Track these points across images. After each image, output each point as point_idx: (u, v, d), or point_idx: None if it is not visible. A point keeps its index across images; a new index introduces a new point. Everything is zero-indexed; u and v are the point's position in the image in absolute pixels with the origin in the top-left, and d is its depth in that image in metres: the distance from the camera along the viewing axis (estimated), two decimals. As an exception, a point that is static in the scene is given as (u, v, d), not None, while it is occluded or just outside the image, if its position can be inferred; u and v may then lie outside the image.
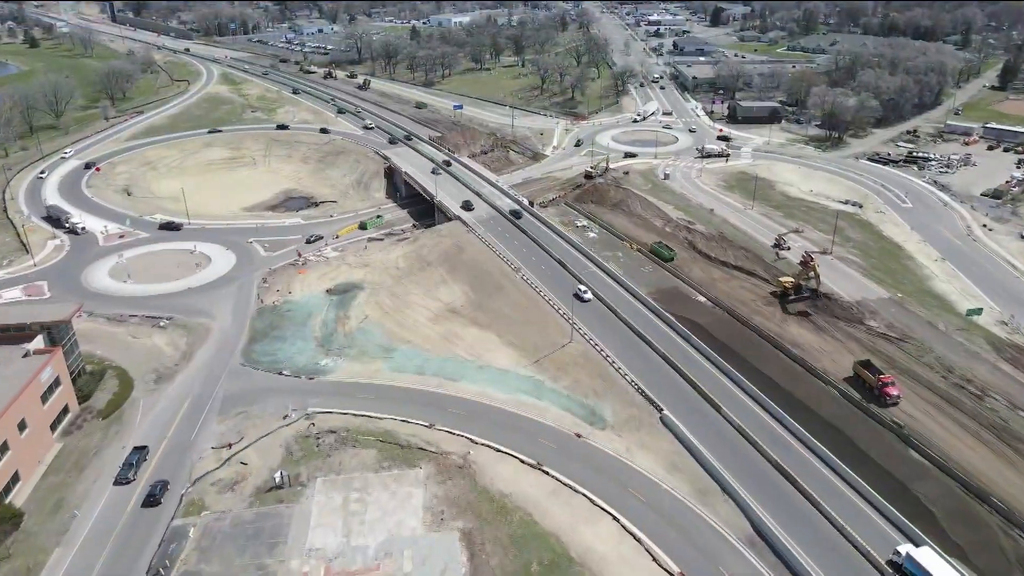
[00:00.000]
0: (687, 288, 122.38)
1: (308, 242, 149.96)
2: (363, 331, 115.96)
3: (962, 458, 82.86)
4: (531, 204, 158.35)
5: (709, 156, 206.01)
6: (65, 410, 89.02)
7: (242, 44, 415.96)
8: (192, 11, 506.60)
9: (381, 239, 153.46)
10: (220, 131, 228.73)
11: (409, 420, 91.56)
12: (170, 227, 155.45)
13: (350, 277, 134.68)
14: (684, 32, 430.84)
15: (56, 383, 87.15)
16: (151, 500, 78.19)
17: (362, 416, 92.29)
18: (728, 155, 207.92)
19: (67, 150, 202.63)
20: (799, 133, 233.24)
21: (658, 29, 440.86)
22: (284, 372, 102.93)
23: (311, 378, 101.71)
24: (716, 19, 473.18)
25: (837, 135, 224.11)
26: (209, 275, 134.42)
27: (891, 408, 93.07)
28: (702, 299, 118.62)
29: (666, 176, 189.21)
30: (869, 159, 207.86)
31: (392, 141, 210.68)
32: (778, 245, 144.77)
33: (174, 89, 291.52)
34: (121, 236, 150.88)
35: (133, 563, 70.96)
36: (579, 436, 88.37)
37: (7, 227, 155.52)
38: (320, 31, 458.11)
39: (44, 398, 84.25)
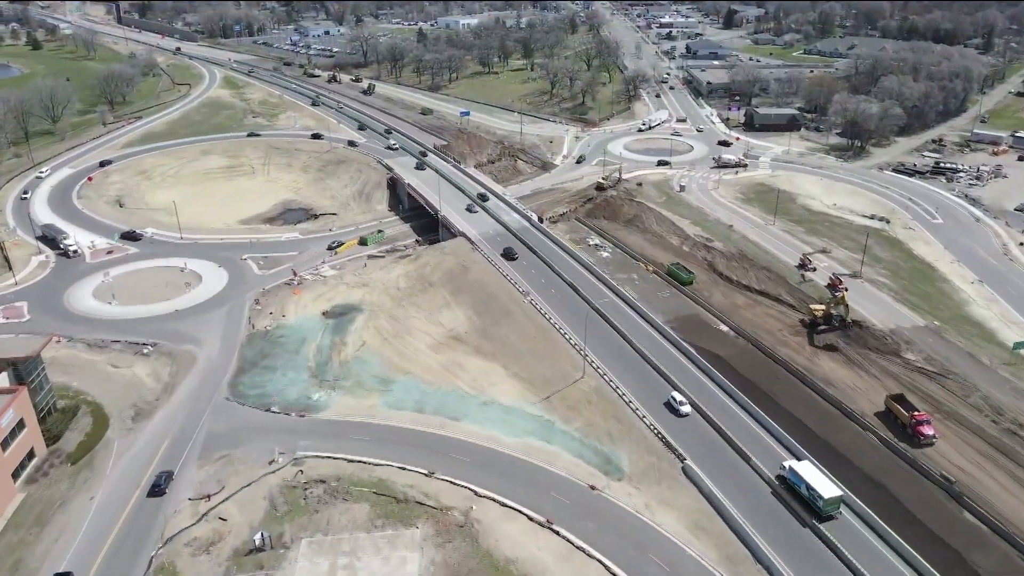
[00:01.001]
0: (708, 316, 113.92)
1: (330, 248, 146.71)
2: (360, 360, 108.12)
3: (1023, 521, 74.20)
4: (540, 219, 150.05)
5: (726, 166, 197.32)
6: (31, 454, 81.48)
7: (247, 46, 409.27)
8: (197, 12, 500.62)
9: (382, 256, 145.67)
10: (259, 135, 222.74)
11: (407, 467, 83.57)
12: (131, 237, 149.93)
13: (348, 298, 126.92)
14: (697, 35, 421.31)
15: (20, 425, 79.64)
16: (156, 490, 79.01)
17: (356, 462, 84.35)
18: (746, 165, 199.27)
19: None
20: (819, 142, 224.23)
21: (670, 32, 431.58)
22: (273, 408, 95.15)
23: (302, 415, 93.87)
24: (729, 21, 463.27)
25: (859, 144, 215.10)
26: (199, 296, 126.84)
27: (926, 449, 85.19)
28: (724, 328, 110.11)
29: (681, 188, 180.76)
30: (894, 170, 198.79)
31: (419, 166, 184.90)
32: (803, 266, 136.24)
33: (175, 93, 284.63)
34: (109, 252, 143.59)
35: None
36: (593, 488, 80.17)
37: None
38: (326, 33, 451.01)
39: (5, 444, 76.73)
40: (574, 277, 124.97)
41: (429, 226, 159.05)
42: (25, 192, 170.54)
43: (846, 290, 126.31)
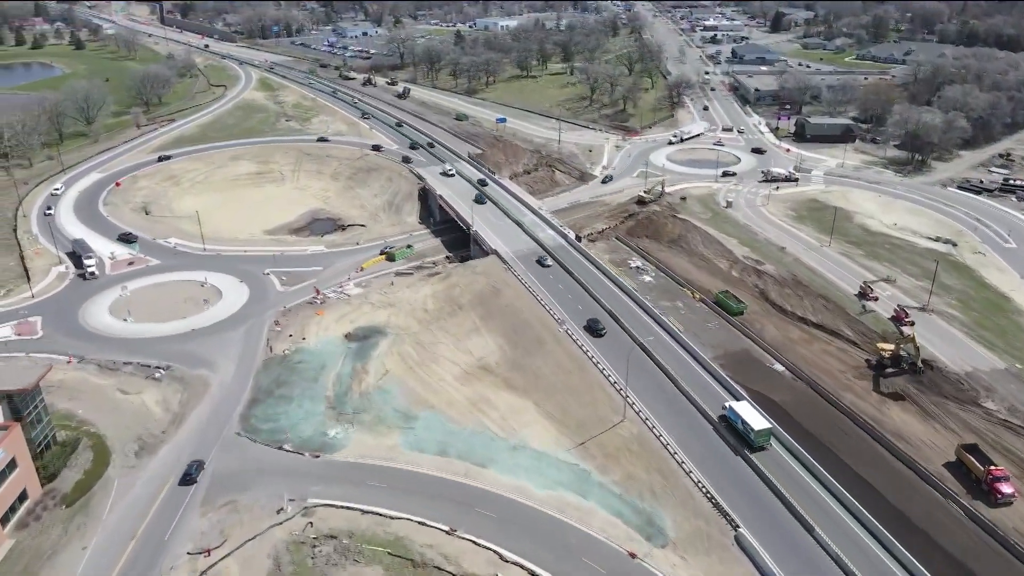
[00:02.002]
0: (760, 352, 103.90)
1: (382, 253, 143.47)
2: (381, 390, 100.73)
3: None
4: (578, 238, 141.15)
5: (775, 180, 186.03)
6: (22, 496, 75.54)
7: (284, 47, 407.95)
8: (238, 13, 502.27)
9: (410, 273, 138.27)
10: (327, 140, 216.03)
11: (427, 522, 75.74)
12: (126, 239, 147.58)
13: (372, 320, 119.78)
14: (743, 38, 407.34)
15: (12, 465, 73.72)
16: (187, 479, 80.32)
17: (371, 514, 76.78)
18: (796, 179, 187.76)
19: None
20: (876, 155, 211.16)
21: (715, 35, 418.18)
22: (286, 446, 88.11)
23: (316, 455, 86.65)
24: (777, 24, 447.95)
25: (920, 158, 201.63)
26: (217, 314, 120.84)
27: (1003, 508, 74.69)
28: (779, 368, 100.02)
29: (728, 204, 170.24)
30: (959, 187, 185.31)
31: (479, 199, 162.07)
32: (864, 295, 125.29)
33: (210, 95, 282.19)
34: (130, 263, 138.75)
35: None
36: (633, 556, 71.33)
37: (13, 248, 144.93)
38: (364, 34, 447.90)
39: (-6, 486, 70.87)
40: (614, 305, 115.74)
41: (460, 241, 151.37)
42: (48, 209, 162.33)
43: (912, 324, 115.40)
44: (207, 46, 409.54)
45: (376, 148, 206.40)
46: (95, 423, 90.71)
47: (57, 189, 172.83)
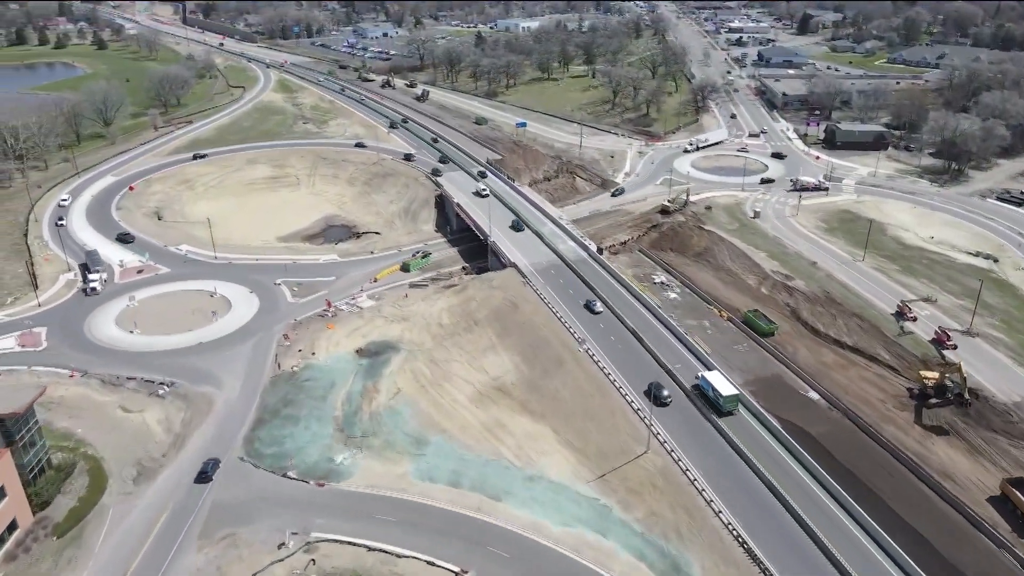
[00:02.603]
0: (792, 378, 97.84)
1: (416, 255, 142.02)
2: (392, 411, 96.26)
3: None
4: (599, 250, 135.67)
5: (805, 189, 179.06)
6: (12, 526, 71.81)
7: (305, 48, 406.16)
8: (259, 13, 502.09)
9: (425, 285, 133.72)
10: (364, 145, 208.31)
11: (435, 562, 71.06)
12: (124, 240, 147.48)
13: (385, 334, 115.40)
14: (769, 41, 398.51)
15: (0, 494, 69.89)
16: (203, 477, 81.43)
17: (377, 551, 72.16)
18: (827, 188, 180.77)
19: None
20: (909, 163, 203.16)
21: (740, 37, 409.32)
22: (290, 473, 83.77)
23: (321, 484, 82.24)
24: (804, 26, 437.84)
25: (957, 167, 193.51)
26: (225, 326, 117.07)
27: None
28: (814, 396, 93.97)
29: (756, 214, 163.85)
30: (998, 198, 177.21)
31: (516, 226, 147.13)
32: (901, 314, 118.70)
33: (227, 96, 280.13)
34: (139, 271, 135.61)
35: None
36: (657, 607, 66.05)
37: (23, 254, 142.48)
38: (384, 35, 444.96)
39: (-19, 517, 67.14)
40: (637, 323, 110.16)
41: (478, 251, 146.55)
42: (60, 220, 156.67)
43: (954, 347, 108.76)
44: (221, 44, 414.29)
45: (408, 157, 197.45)
46: (94, 444, 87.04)
47: (64, 200, 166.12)
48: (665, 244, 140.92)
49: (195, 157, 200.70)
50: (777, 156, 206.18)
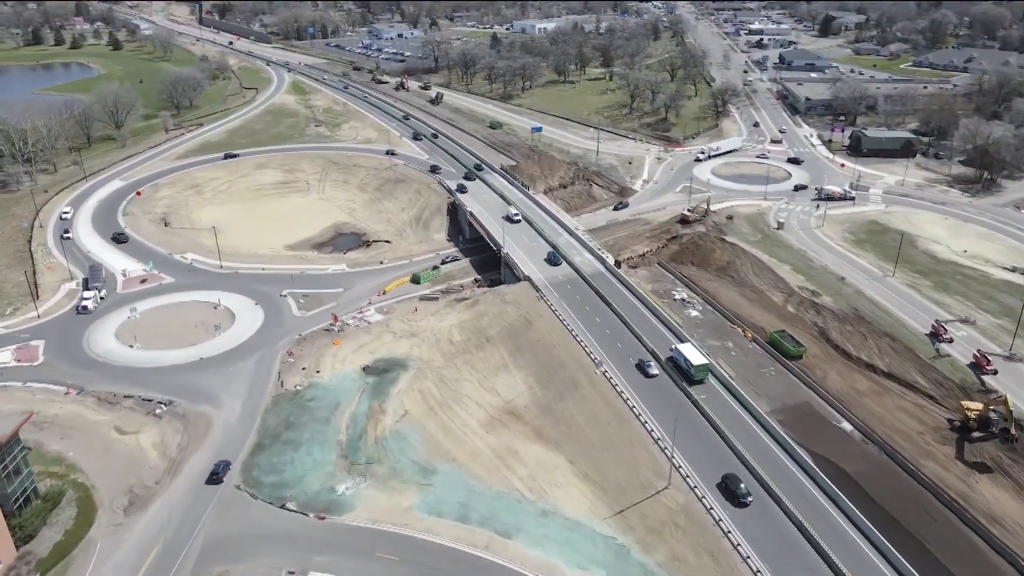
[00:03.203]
0: (823, 405, 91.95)
1: (444, 263, 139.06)
2: (399, 435, 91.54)
3: None
4: (617, 264, 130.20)
5: (830, 199, 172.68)
6: (-7, 562, 67.73)
7: (319, 49, 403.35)
8: (275, 14, 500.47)
9: (436, 298, 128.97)
10: (395, 154, 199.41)
11: (440, 608, 66.11)
12: (118, 240, 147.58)
13: (393, 351, 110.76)
14: (790, 43, 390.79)
15: (-20, 529, 65.93)
16: (214, 478, 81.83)
17: (377, 594, 67.38)
18: (853, 198, 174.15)
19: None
20: (939, 172, 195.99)
21: (760, 39, 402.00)
22: (288, 505, 79.15)
23: (321, 517, 77.58)
24: (826, 28, 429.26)
25: (989, 176, 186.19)
26: (228, 341, 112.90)
27: None
28: (847, 427, 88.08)
29: (779, 225, 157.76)
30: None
31: (553, 260, 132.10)
32: (936, 335, 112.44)
33: (240, 99, 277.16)
34: (143, 280, 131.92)
35: None
36: (681, 665, 60.72)
37: (26, 261, 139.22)
38: (399, 36, 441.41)
39: (-43, 555, 63.03)
40: (658, 344, 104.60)
41: (491, 262, 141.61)
42: (66, 233, 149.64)
43: (994, 372, 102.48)
44: (231, 43, 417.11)
45: (434, 169, 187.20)
46: (85, 469, 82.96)
47: (66, 213, 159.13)
48: (685, 257, 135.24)
49: (226, 156, 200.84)
50: (793, 161, 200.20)
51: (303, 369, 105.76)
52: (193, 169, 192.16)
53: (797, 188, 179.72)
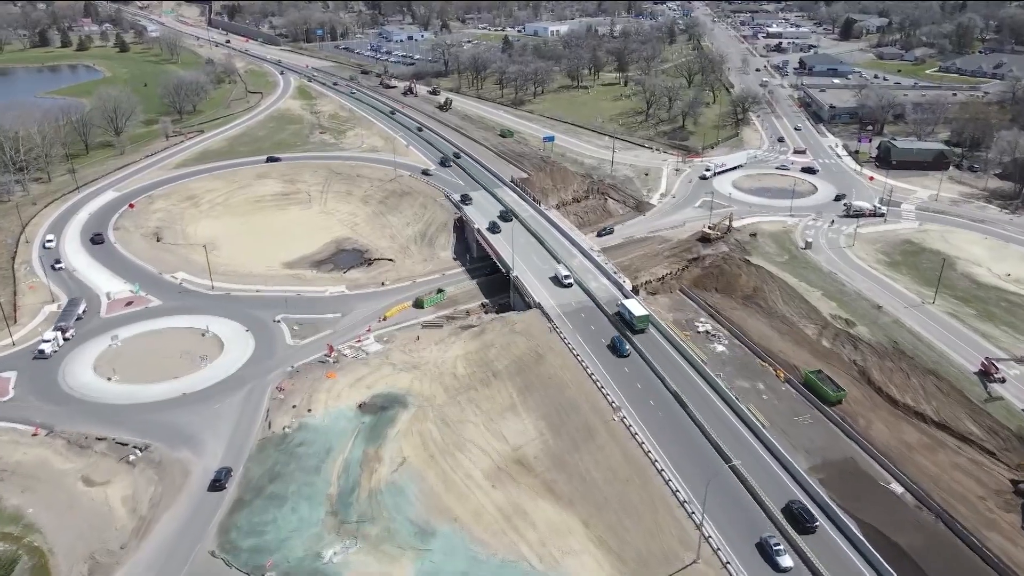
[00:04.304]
0: (869, 463, 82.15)
1: (559, 281, 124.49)
2: (395, 489, 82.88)
3: None
4: (635, 290, 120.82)
5: (860, 215, 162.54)
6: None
7: (328, 52, 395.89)
8: (284, 15, 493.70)
9: (439, 325, 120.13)
10: (429, 173, 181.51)
11: None
12: (95, 241, 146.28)
13: (392, 385, 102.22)
14: (810, 47, 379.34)
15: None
16: (216, 485, 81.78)
17: None
18: (883, 214, 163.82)
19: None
20: (974, 185, 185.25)
21: (780, 43, 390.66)
22: (270, 574, 70.44)
23: (304, 590, 68.92)
24: (847, 32, 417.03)
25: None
26: (215, 373, 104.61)
27: None
28: (897, 488, 78.30)
29: (807, 244, 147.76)
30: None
31: (560, 282, 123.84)
32: (987, 373, 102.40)
33: (244, 103, 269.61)
34: (128, 303, 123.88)
35: None
36: None
37: (8, 281, 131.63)
38: (410, 38, 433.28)
39: None
40: (683, 387, 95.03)
41: (500, 283, 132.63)
42: (57, 263, 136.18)
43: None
44: (228, 41, 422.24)
45: (465, 200, 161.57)
46: (44, 529, 74.81)
47: (49, 241, 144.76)
48: (709, 283, 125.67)
49: (269, 160, 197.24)
50: (808, 171, 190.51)
51: (294, 407, 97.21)
52: (190, 180, 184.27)
53: (839, 198, 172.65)
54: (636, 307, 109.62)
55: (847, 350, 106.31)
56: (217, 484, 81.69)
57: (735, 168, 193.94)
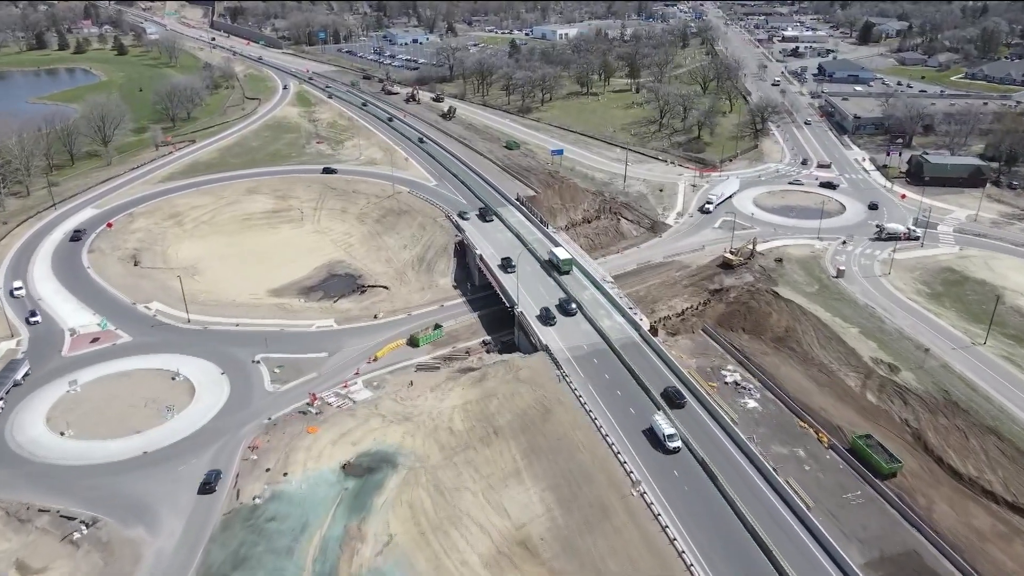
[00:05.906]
0: (936, 557, 69.71)
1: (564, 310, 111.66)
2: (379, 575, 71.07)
3: None
4: (653, 330, 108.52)
5: (893, 239, 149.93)
6: None
7: (330, 55, 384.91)
8: (287, 18, 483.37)
9: (436, 367, 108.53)
10: (467, 217, 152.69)
11: None
12: (76, 238, 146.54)
13: (381, 442, 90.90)
14: (829, 52, 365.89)
15: None
16: (206, 488, 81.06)
17: None
18: (918, 237, 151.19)
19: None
20: (1015, 204, 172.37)
21: (796, 48, 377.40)
22: None
23: None
24: (866, 36, 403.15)
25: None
26: (181, 427, 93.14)
27: None
28: (971, 593, 66.09)
29: (839, 272, 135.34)
30: None
31: (566, 310, 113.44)
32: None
33: (240, 111, 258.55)
34: (94, 339, 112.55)
35: None
36: None
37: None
38: (414, 41, 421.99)
39: None
40: (709, 450, 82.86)
41: (504, 317, 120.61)
42: (34, 315, 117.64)
43: None
44: (213, 39, 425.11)
45: (484, 214, 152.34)
46: (-40, 637, 63.30)
47: (18, 288, 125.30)
48: (735, 321, 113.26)
49: (325, 171, 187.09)
50: (827, 186, 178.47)
51: (267, 470, 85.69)
52: (176, 195, 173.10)
53: (872, 207, 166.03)
54: (563, 252, 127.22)
55: (896, 406, 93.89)
56: (207, 487, 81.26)
57: (732, 196, 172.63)
